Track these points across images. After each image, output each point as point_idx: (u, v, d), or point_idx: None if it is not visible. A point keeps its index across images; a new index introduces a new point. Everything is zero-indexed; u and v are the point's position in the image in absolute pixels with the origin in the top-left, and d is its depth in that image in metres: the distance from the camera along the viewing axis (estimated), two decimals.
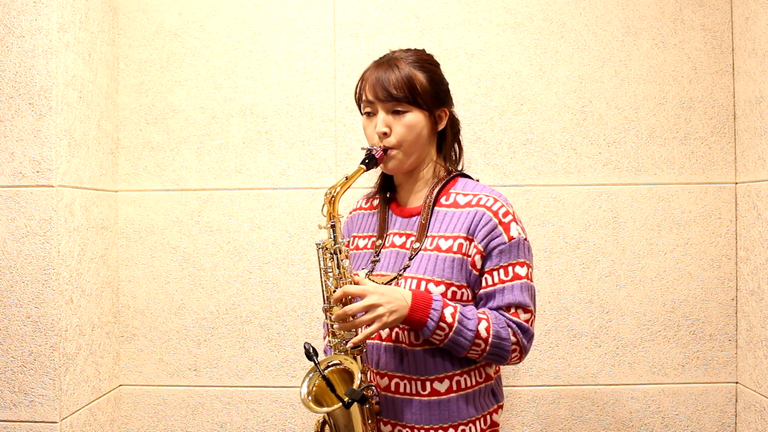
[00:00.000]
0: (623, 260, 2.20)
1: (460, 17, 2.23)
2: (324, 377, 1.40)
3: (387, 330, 1.50)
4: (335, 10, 2.25)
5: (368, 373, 1.52)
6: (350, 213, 1.74)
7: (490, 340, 1.42)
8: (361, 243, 1.63)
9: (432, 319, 1.40)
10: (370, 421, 1.48)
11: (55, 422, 1.90)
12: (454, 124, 1.64)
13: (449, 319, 1.40)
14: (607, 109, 2.21)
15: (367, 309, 1.38)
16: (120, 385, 2.28)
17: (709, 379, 2.20)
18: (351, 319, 1.41)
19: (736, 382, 2.19)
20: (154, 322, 2.27)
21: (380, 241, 1.58)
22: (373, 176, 1.70)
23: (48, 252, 1.90)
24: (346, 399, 1.36)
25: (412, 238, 1.53)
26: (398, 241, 1.55)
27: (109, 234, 2.23)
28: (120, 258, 2.28)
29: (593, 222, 2.21)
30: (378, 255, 1.57)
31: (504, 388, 2.16)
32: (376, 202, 1.68)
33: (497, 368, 1.58)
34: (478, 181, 1.61)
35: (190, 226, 2.27)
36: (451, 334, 1.41)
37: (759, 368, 2.06)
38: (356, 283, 1.44)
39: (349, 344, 1.43)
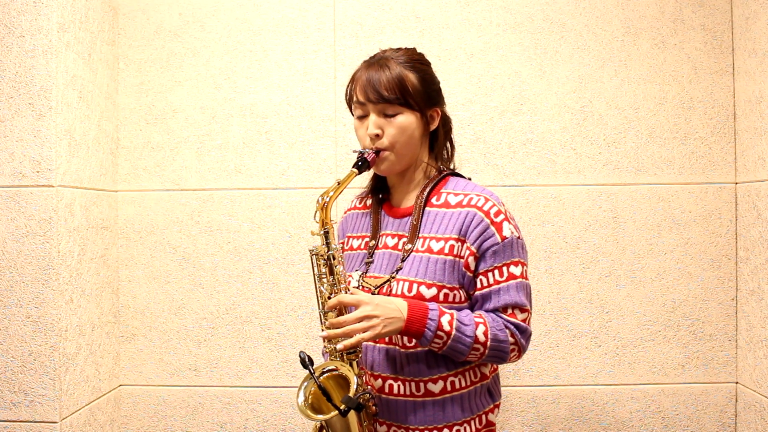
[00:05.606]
0: (623, 260, 2.20)
1: (460, 17, 2.23)
2: (319, 385, 1.40)
3: None
4: (335, 10, 2.25)
5: (364, 375, 1.52)
6: (345, 213, 1.73)
7: (488, 343, 1.43)
8: (355, 243, 1.63)
9: (429, 329, 1.40)
10: (366, 423, 1.48)
11: (55, 422, 1.90)
12: (445, 122, 1.62)
13: (447, 327, 1.40)
14: (607, 109, 2.21)
15: (361, 320, 1.39)
16: (120, 385, 2.28)
17: (709, 379, 2.20)
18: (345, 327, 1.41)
19: (736, 382, 2.19)
20: (154, 322, 2.27)
21: (373, 242, 1.58)
22: (368, 175, 1.69)
23: (48, 252, 1.90)
24: (342, 407, 1.35)
25: (405, 239, 1.52)
26: (391, 242, 1.55)
27: (109, 234, 2.23)
28: (120, 258, 2.28)
29: (593, 222, 2.21)
30: (372, 256, 1.57)
31: (504, 388, 2.17)
32: (369, 201, 1.67)
33: (494, 367, 1.58)
34: (470, 179, 1.60)
35: (190, 226, 2.27)
36: (449, 341, 1.41)
37: (759, 368, 2.06)
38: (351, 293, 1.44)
39: (339, 346, 1.41)
